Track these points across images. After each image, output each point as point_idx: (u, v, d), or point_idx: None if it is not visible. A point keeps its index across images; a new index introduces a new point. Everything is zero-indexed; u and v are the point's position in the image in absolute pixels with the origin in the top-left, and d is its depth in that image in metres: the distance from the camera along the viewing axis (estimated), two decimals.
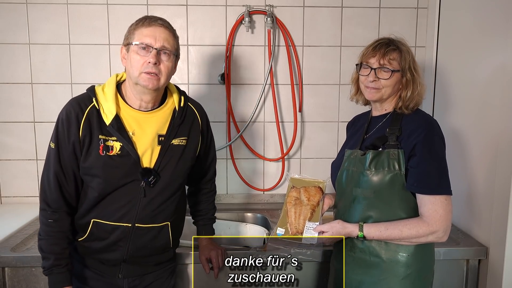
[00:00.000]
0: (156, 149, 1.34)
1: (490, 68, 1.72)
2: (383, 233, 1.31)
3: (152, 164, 1.34)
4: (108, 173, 1.29)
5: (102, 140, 1.29)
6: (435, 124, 1.35)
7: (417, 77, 1.37)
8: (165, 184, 1.35)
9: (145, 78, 1.27)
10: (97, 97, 1.32)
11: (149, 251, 1.39)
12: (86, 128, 1.29)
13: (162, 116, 1.38)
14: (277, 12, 2.22)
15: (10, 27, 2.14)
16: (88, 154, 1.29)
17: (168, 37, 1.30)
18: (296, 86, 2.27)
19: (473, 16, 1.87)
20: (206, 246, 1.57)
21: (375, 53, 1.37)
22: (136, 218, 1.33)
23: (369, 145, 1.39)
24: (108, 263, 1.39)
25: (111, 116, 1.29)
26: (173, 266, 1.54)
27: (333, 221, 1.40)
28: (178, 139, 1.38)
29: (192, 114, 1.45)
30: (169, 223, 1.40)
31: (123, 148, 1.30)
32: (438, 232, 1.28)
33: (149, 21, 1.29)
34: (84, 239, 1.36)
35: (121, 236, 1.34)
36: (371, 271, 1.36)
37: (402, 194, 1.33)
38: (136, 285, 1.43)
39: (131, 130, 1.32)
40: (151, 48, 1.27)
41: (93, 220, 1.33)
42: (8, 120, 2.20)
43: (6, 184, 2.25)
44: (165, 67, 1.30)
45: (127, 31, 1.34)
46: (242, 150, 2.33)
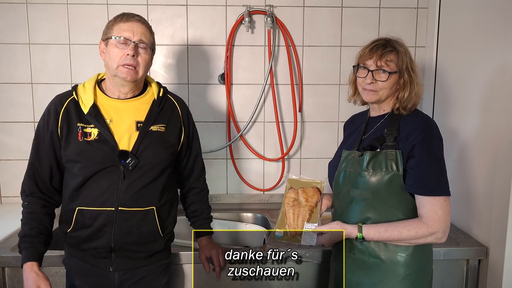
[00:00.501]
0: (134, 134, 1.41)
1: (490, 68, 1.72)
2: (382, 235, 1.31)
3: (130, 148, 1.39)
4: (87, 157, 1.36)
5: (80, 127, 1.38)
6: (434, 125, 1.35)
7: (414, 78, 1.36)
8: (146, 168, 1.40)
9: (123, 71, 1.36)
10: (77, 91, 1.42)
11: (136, 237, 1.41)
12: (64, 119, 1.39)
13: (141, 105, 1.45)
14: (277, 12, 2.22)
15: (10, 27, 2.14)
16: (68, 142, 1.38)
17: (145, 31, 1.39)
18: (296, 86, 2.27)
19: (473, 16, 1.86)
20: (206, 245, 1.57)
21: (372, 54, 1.35)
22: (119, 202, 1.37)
23: (367, 145, 1.39)
24: (99, 255, 1.41)
25: (89, 105, 1.39)
26: (167, 263, 1.54)
27: (332, 222, 1.40)
28: (157, 126, 1.44)
29: (171, 105, 1.52)
30: (154, 208, 1.42)
31: (101, 134, 1.37)
32: (437, 233, 1.28)
33: (127, 17, 1.39)
34: (72, 229, 1.40)
35: (106, 221, 1.37)
36: (370, 272, 1.36)
37: (400, 194, 1.33)
38: (128, 278, 1.43)
39: (109, 117, 1.40)
40: (130, 42, 1.35)
41: (78, 208, 1.38)
42: (8, 120, 2.20)
43: (6, 184, 2.25)
44: (142, 60, 1.38)
45: (105, 26, 1.41)
46: (242, 150, 2.33)
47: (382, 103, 1.42)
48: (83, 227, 1.39)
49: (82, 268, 1.44)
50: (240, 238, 2.08)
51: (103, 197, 1.37)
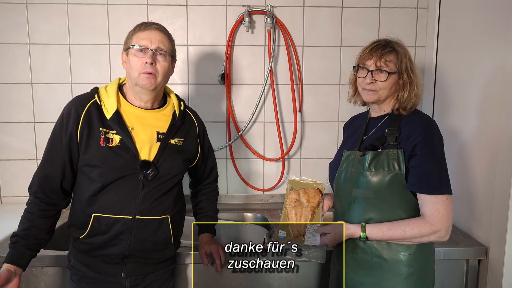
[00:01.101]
0: (155, 145, 1.41)
1: (490, 68, 1.72)
2: (385, 234, 1.31)
3: (151, 159, 1.40)
4: (108, 163, 1.35)
5: (103, 132, 1.36)
6: (434, 125, 1.35)
7: (414, 78, 1.37)
8: (163, 179, 1.41)
9: (143, 77, 1.36)
10: (99, 94, 1.41)
11: (150, 245, 1.42)
12: (85, 122, 1.36)
13: (162, 116, 1.46)
14: (277, 12, 2.22)
15: (10, 27, 2.14)
16: (88, 146, 1.36)
17: (162, 39, 1.39)
18: (296, 86, 2.27)
19: (473, 16, 1.87)
20: (206, 242, 1.59)
21: (372, 55, 1.37)
22: (137, 210, 1.37)
23: (368, 145, 1.39)
24: (111, 261, 1.40)
25: (112, 111, 1.38)
26: (173, 267, 1.56)
27: (335, 223, 1.40)
28: (176, 139, 1.46)
29: (190, 120, 1.55)
30: (168, 216, 1.44)
31: (122, 141, 1.37)
32: (440, 232, 1.29)
33: (145, 25, 1.40)
34: (86, 235, 1.38)
35: (123, 229, 1.37)
36: (373, 271, 1.36)
37: (402, 194, 1.33)
38: (138, 284, 1.44)
39: (131, 125, 1.40)
40: (148, 50, 1.36)
41: (94, 215, 1.36)
42: (8, 120, 2.20)
43: (6, 184, 2.25)
44: (161, 67, 1.39)
45: (126, 37, 1.42)
46: (242, 150, 2.33)
47: (382, 103, 1.43)
48: (99, 234, 1.37)
49: (90, 274, 1.42)
50: (240, 239, 2.08)
51: (120, 204, 1.36)
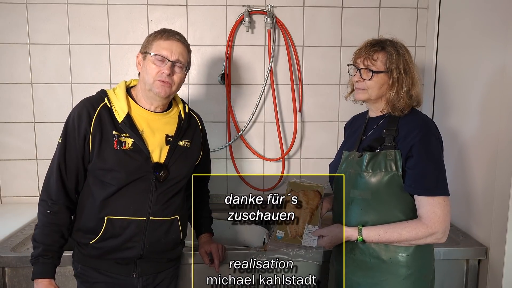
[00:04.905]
0: (165, 148, 1.43)
1: (490, 69, 1.72)
2: (382, 237, 1.31)
3: (161, 161, 1.41)
4: (124, 166, 1.36)
5: (116, 136, 1.37)
6: (432, 125, 1.35)
7: (405, 78, 1.35)
8: (173, 180, 1.44)
9: (159, 85, 1.38)
10: (109, 97, 1.41)
11: (163, 245, 1.44)
12: (97, 125, 1.36)
13: (169, 119, 1.49)
14: (277, 12, 2.22)
15: (10, 27, 2.14)
16: (102, 149, 1.36)
17: (183, 51, 1.41)
18: (296, 86, 2.27)
19: (473, 16, 1.87)
20: (206, 241, 1.61)
21: (361, 53, 1.39)
22: (150, 211, 1.39)
23: (366, 146, 1.39)
24: (122, 262, 1.41)
25: (123, 114, 1.39)
26: (178, 266, 1.58)
27: (332, 225, 1.41)
28: (184, 141, 1.49)
29: (194, 122, 1.57)
30: (178, 216, 1.46)
31: (135, 144, 1.38)
32: (437, 234, 1.29)
33: (167, 34, 1.41)
34: (97, 240, 1.37)
35: (137, 231, 1.38)
36: (371, 272, 1.36)
37: (400, 195, 1.33)
38: (149, 283, 1.45)
39: (141, 128, 1.41)
40: (167, 60, 1.37)
41: (108, 217, 1.36)
42: (8, 120, 2.20)
43: (6, 184, 2.25)
44: (177, 78, 1.41)
45: (145, 40, 1.44)
46: (242, 150, 2.33)
47: (375, 102, 1.43)
48: (112, 237, 1.37)
49: (100, 279, 1.41)
50: (240, 238, 2.07)
51: (133, 206, 1.38)
